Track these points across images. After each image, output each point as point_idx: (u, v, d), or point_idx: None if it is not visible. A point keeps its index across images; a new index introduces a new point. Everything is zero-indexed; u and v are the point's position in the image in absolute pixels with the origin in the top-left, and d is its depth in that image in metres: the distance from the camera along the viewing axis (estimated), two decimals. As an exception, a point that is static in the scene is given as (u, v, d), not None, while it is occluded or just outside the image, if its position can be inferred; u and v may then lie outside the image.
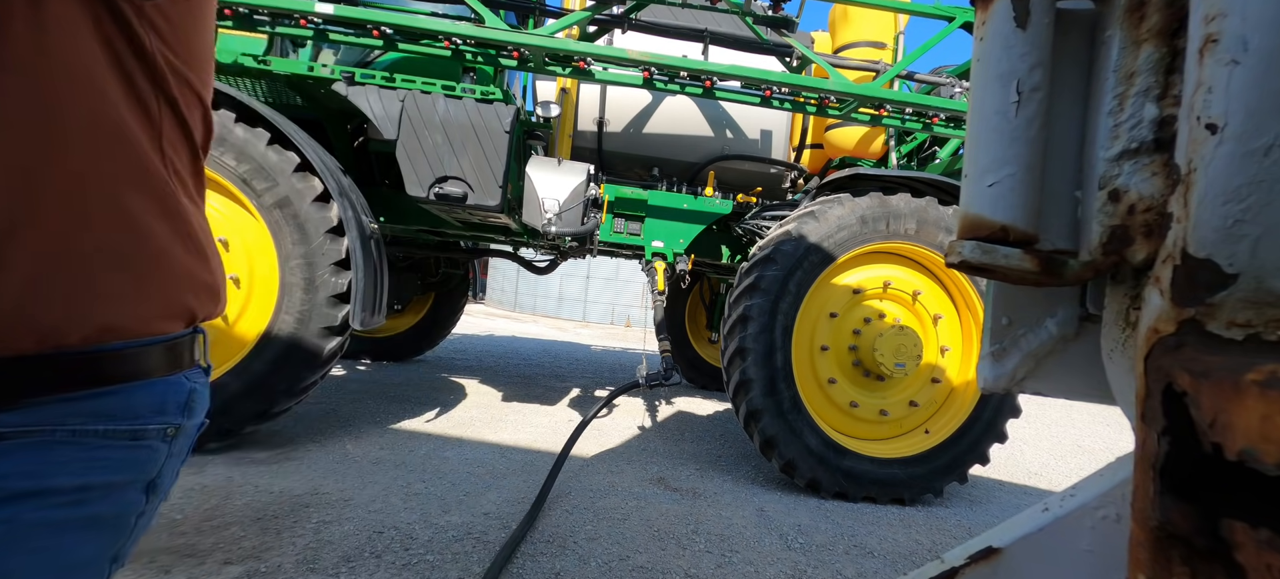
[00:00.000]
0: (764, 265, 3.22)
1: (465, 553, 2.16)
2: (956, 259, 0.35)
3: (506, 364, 6.62)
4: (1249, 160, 0.23)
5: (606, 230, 4.13)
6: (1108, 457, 5.19)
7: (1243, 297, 0.23)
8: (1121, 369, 0.33)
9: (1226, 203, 0.24)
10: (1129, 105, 0.32)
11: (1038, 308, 0.40)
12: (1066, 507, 0.36)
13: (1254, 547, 0.18)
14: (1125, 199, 0.32)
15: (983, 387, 0.42)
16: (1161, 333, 0.25)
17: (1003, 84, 0.34)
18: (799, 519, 2.90)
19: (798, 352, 3.28)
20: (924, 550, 2.76)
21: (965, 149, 0.37)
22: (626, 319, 13.03)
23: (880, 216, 3.25)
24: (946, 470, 3.33)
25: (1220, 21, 0.24)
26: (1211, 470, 0.20)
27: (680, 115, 4.38)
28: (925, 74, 4.18)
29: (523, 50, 3.45)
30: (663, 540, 2.46)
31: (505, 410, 4.40)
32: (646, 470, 3.35)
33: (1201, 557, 0.20)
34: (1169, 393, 0.23)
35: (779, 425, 3.18)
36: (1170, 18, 0.30)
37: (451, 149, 3.35)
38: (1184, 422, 0.22)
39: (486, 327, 10.62)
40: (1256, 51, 0.23)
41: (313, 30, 3.40)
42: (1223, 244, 0.24)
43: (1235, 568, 0.19)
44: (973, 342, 3.42)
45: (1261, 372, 0.19)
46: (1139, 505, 0.23)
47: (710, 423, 4.79)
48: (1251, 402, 0.18)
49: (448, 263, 5.90)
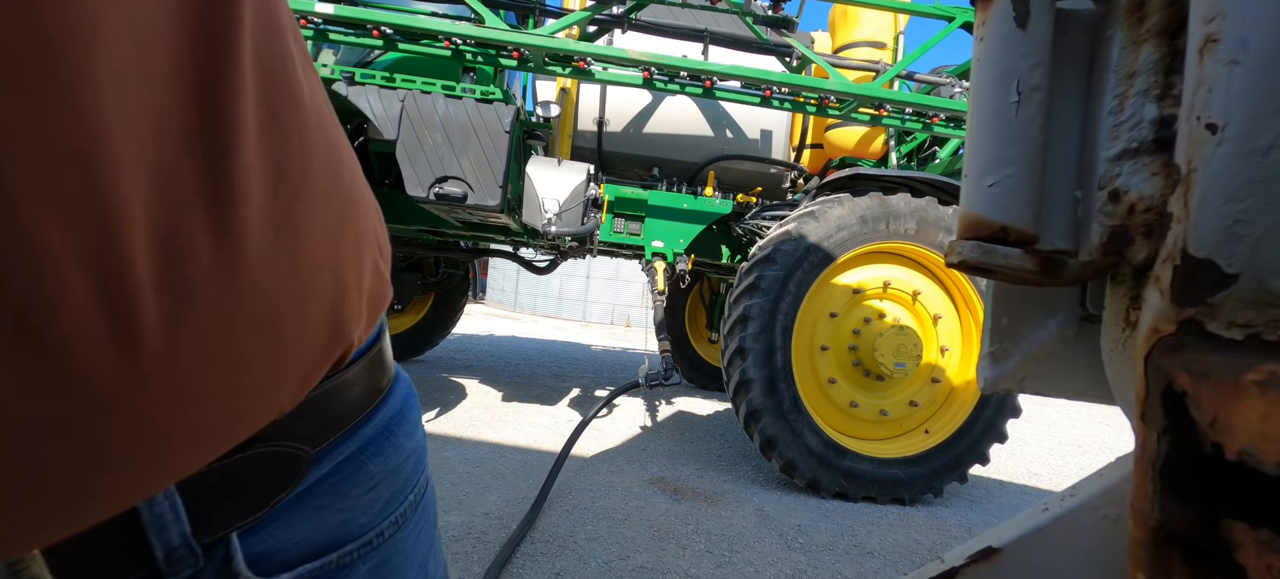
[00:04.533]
0: (764, 265, 3.22)
1: (465, 553, 2.16)
2: (956, 259, 0.35)
3: (506, 364, 6.61)
4: (1249, 160, 0.23)
5: (606, 230, 4.12)
6: (1108, 457, 5.19)
7: (1243, 296, 0.23)
8: (1121, 369, 0.33)
9: (1226, 203, 0.24)
10: (1129, 105, 0.32)
11: (1038, 308, 0.40)
12: (1066, 507, 0.36)
13: (1254, 547, 0.18)
14: (1125, 199, 0.32)
15: (983, 387, 0.42)
16: (1161, 333, 0.25)
17: (1003, 84, 0.34)
18: (799, 519, 2.90)
19: (798, 351, 3.28)
20: (924, 550, 2.76)
21: (965, 149, 0.37)
22: (627, 319, 13.02)
23: (880, 216, 3.25)
24: (946, 470, 3.33)
25: (1220, 21, 0.24)
26: (1211, 470, 0.20)
27: (680, 115, 4.38)
28: (925, 74, 4.18)
29: (523, 50, 3.45)
30: (663, 540, 2.46)
31: (505, 410, 4.40)
32: (646, 470, 3.35)
33: (1201, 557, 0.20)
34: (1169, 393, 0.23)
35: (779, 425, 3.18)
36: (1170, 18, 0.30)
37: (451, 149, 3.35)
38: (1184, 422, 0.22)
39: (486, 327, 10.62)
40: (1256, 51, 0.23)
41: (313, 30, 3.40)
42: (1223, 244, 0.24)
43: (1235, 568, 0.19)
44: (973, 342, 3.42)
45: (1261, 372, 0.19)
46: (1139, 505, 0.23)
47: (710, 423, 4.79)
48: (1251, 402, 0.18)
49: (448, 263, 5.90)
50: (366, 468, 0.39)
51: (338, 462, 0.37)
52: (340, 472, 0.37)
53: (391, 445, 0.42)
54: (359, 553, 0.37)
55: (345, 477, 0.37)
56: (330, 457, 0.37)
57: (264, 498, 0.33)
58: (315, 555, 0.35)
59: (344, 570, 0.36)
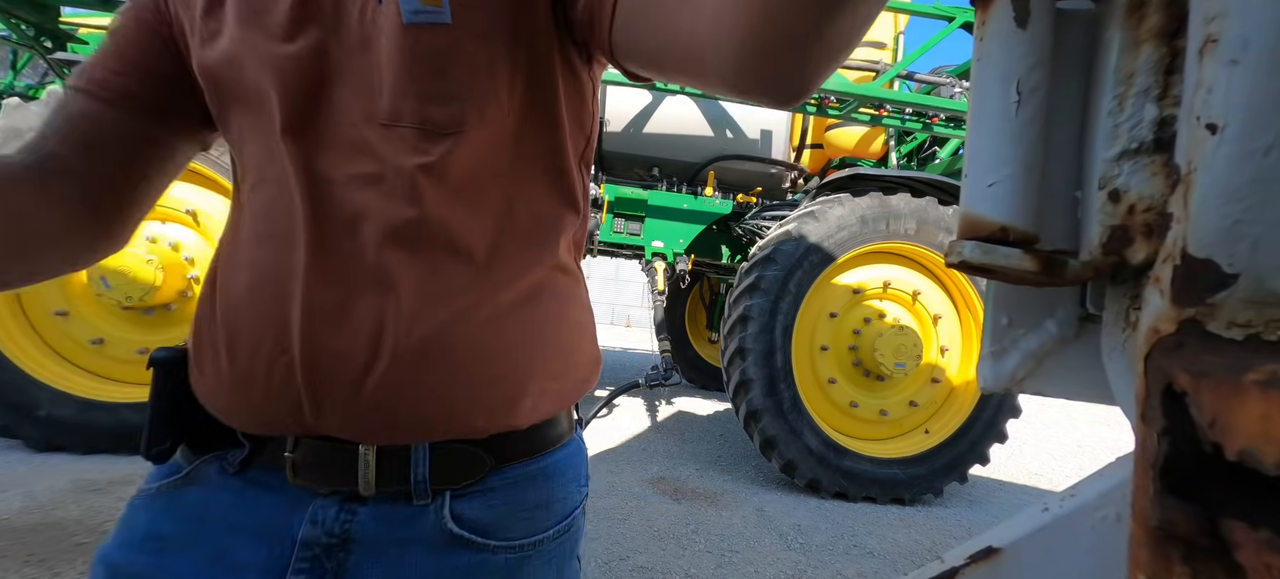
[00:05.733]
0: (764, 265, 3.22)
1: (465, 553, 2.16)
2: (956, 259, 0.35)
3: (506, 364, 6.60)
4: (1249, 160, 0.23)
5: (606, 230, 4.12)
6: (1108, 457, 5.18)
7: (1243, 297, 0.23)
8: (1121, 369, 0.33)
9: (1227, 203, 0.24)
10: (1129, 105, 0.32)
11: (1038, 308, 0.40)
12: (1066, 507, 0.36)
13: (1254, 547, 0.18)
14: (1125, 199, 0.32)
15: (983, 387, 0.42)
16: (1161, 333, 0.25)
17: (1003, 84, 0.34)
18: (799, 519, 2.89)
19: (798, 352, 3.28)
20: (924, 550, 2.76)
21: (965, 149, 0.37)
22: (627, 319, 13.02)
23: (880, 217, 3.25)
24: (946, 470, 3.33)
25: (1220, 21, 0.24)
26: (1211, 470, 0.20)
27: (680, 115, 4.38)
28: (925, 74, 4.17)
29: (523, 50, 3.44)
30: (663, 540, 2.45)
31: (505, 410, 4.40)
32: (646, 470, 3.35)
33: (1201, 557, 0.20)
34: (1169, 393, 0.23)
35: (779, 425, 3.18)
36: (1170, 18, 0.30)
37: (451, 149, 3.34)
38: (1184, 422, 0.22)
39: (486, 327, 10.59)
40: (1256, 51, 0.23)
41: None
42: (1223, 244, 0.24)
43: (1235, 568, 0.19)
44: (973, 342, 3.42)
45: (1261, 372, 0.19)
46: (1139, 505, 0.23)
47: (710, 423, 4.78)
48: (1251, 402, 0.18)
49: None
50: (525, 493, 0.55)
51: (509, 480, 0.54)
52: (508, 487, 0.54)
53: (547, 485, 0.56)
54: (503, 550, 0.53)
55: (510, 492, 0.54)
56: (503, 475, 0.54)
57: (461, 477, 0.52)
58: (481, 533, 0.52)
59: (492, 555, 0.52)
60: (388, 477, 0.50)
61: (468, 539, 0.51)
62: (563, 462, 0.58)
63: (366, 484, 0.49)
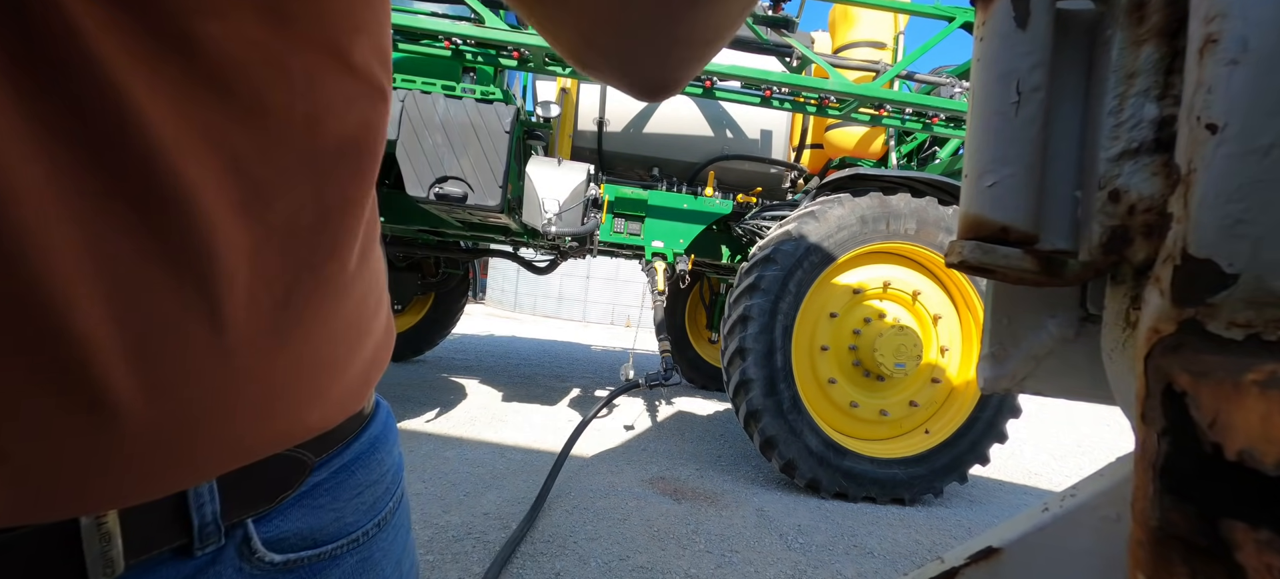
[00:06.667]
0: (764, 265, 3.22)
1: (465, 553, 2.16)
2: (956, 259, 0.35)
3: (506, 364, 6.61)
4: (1249, 160, 0.23)
5: (606, 230, 4.12)
6: (1108, 457, 5.20)
7: (1243, 297, 0.23)
8: (1121, 369, 0.33)
9: (1227, 203, 0.24)
10: (1129, 105, 0.32)
11: (1038, 308, 0.40)
12: (1066, 507, 0.36)
13: (1254, 547, 0.18)
14: (1125, 199, 0.32)
15: (983, 387, 0.42)
16: (1161, 333, 0.25)
17: (1003, 84, 0.34)
18: (799, 519, 2.90)
19: (798, 352, 3.28)
20: (924, 550, 2.76)
21: (965, 149, 0.37)
22: (626, 319, 13.02)
23: (880, 217, 3.25)
24: (946, 470, 3.33)
25: (1220, 21, 0.24)
26: (1211, 470, 0.20)
27: (680, 115, 4.38)
28: (925, 74, 4.17)
29: (523, 50, 3.45)
30: (663, 540, 2.46)
31: (505, 410, 4.40)
32: (646, 470, 3.35)
33: (1201, 557, 0.20)
34: (1169, 393, 0.23)
35: (779, 425, 3.18)
36: (1170, 18, 0.30)
37: (451, 149, 3.35)
38: (1184, 422, 0.22)
39: (486, 327, 10.62)
40: (1256, 51, 0.23)
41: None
42: (1223, 244, 0.24)
43: (1235, 568, 0.19)
44: (973, 342, 3.42)
45: (1261, 372, 0.19)
46: (1139, 505, 0.23)
47: (710, 423, 4.79)
48: (1251, 402, 0.18)
49: (447, 263, 5.90)
50: (355, 477, 0.47)
51: (333, 470, 0.45)
52: (334, 479, 0.45)
53: (375, 459, 0.50)
54: (347, 547, 0.45)
55: (338, 483, 0.45)
56: (328, 466, 0.45)
57: (274, 493, 0.41)
58: (311, 545, 0.43)
59: (334, 560, 0.44)
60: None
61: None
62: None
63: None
